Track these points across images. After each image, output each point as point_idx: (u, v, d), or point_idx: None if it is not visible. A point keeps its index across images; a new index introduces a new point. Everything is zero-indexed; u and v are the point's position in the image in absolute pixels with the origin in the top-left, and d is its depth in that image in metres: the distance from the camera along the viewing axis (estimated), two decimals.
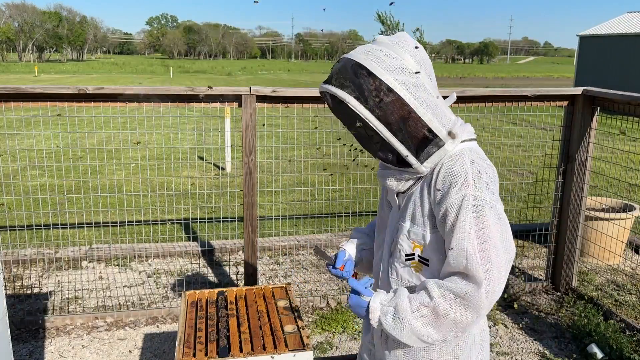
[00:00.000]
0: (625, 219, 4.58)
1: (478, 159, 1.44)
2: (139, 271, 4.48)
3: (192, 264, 4.65)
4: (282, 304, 2.18)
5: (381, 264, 1.66)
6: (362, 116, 1.38)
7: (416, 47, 1.43)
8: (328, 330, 3.60)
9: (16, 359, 3.17)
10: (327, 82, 1.42)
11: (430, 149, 1.43)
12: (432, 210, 1.47)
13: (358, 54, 1.41)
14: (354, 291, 1.56)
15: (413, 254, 1.54)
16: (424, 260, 1.53)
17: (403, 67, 1.39)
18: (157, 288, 4.19)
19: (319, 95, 3.43)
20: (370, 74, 1.37)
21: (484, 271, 1.36)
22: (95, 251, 4.73)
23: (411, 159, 1.43)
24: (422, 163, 1.44)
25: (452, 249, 1.39)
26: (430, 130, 1.41)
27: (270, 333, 1.94)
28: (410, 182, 1.51)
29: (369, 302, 1.50)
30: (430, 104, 1.41)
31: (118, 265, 4.59)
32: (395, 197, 1.58)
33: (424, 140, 1.42)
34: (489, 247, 1.37)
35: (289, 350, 1.83)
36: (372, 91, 1.37)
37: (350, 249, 1.81)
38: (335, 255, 1.77)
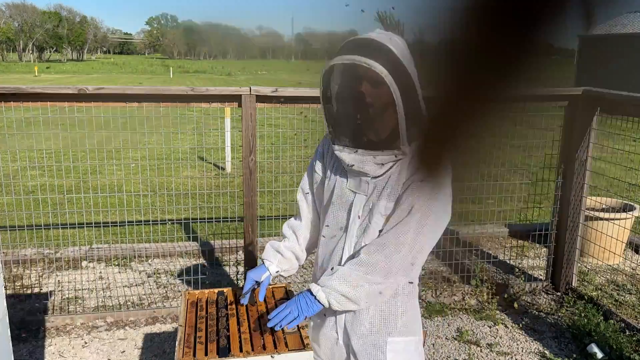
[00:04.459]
0: (625, 219, 4.58)
1: None
2: (139, 271, 4.48)
3: (192, 264, 4.65)
4: (282, 303, 2.17)
5: (343, 247, 1.74)
6: (393, 92, 1.44)
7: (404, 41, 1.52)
8: None
9: (16, 359, 3.16)
10: (350, 54, 1.46)
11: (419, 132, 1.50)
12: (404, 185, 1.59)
13: (381, 36, 1.48)
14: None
15: (382, 229, 1.65)
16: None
17: (410, 57, 1.47)
18: (157, 288, 4.19)
19: (319, 95, 3.44)
20: (395, 57, 1.45)
21: (411, 238, 1.56)
22: (95, 251, 4.73)
23: (405, 139, 1.49)
24: (409, 145, 1.52)
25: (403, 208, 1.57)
26: (423, 115, 1.48)
27: (270, 333, 1.94)
28: (389, 165, 1.57)
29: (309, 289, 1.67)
30: (421, 93, 1.49)
31: (118, 265, 4.59)
32: (369, 181, 1.62)
33: (415, 124, 1.49)
34: (424, 230, 1.57)
35: (289, 350, 1.83)
36: (399, 71, 1.45)
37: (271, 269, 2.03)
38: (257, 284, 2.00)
